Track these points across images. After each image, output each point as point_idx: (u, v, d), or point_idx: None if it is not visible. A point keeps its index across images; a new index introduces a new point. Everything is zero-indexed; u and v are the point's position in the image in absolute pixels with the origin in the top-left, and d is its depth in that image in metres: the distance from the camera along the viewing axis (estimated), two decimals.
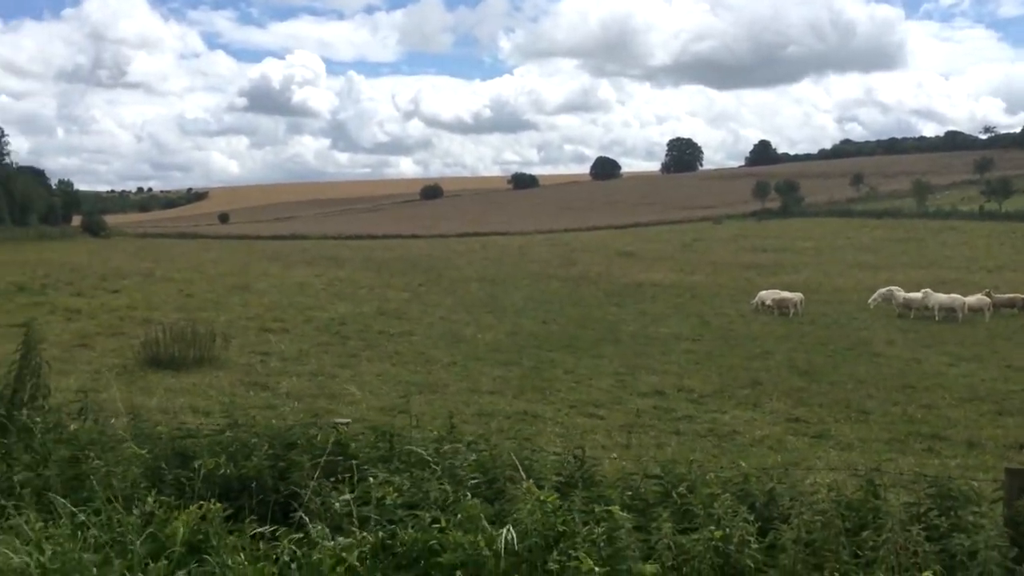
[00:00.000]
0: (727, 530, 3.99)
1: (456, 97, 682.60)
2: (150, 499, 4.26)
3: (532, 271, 45.66)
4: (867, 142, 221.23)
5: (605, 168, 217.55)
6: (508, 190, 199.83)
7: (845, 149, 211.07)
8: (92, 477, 4.63)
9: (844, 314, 28.68)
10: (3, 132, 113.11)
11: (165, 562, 3.64)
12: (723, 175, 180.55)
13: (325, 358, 18.74)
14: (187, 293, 33.22)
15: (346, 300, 31.34)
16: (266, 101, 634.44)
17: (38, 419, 5.64)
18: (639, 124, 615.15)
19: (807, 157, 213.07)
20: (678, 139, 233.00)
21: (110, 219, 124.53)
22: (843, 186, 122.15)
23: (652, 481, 4.92)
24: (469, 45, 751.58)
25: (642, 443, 11.53)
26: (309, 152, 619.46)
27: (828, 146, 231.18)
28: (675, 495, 4.58)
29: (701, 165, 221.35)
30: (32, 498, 4.57)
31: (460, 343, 21.34)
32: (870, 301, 29.70)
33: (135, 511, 4.17)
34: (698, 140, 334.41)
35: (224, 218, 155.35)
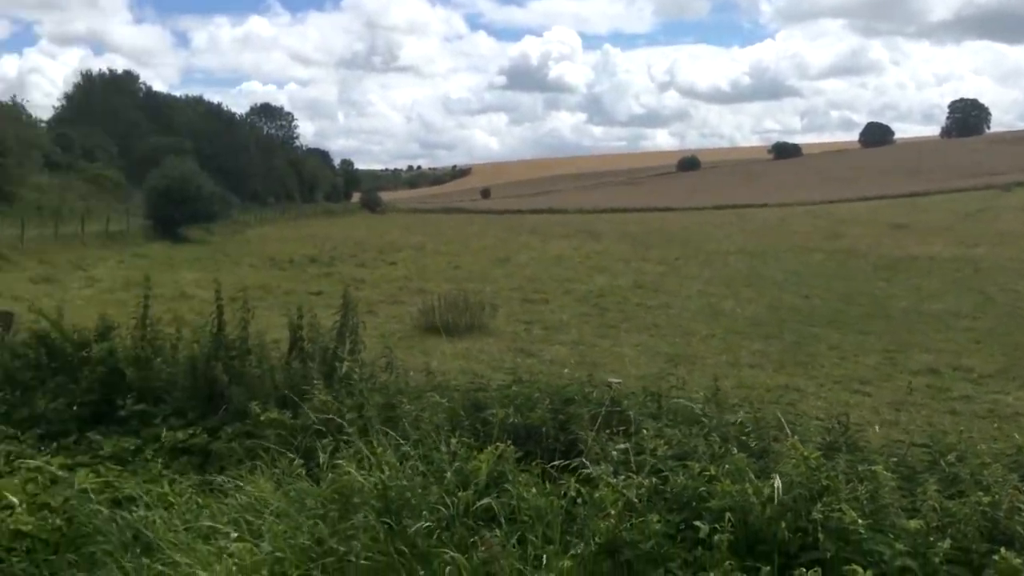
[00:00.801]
0: (996, 496, 4.03)
1: (713, 65, 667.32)
2: (454, 440, 4.96)
3: (794, 244, 44.09)
4: None
5: (876, 134, 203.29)
6: (769, 160, 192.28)
7: None
8: (404, 420, 5.44)
9: None
10: (293, 117, 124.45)
11: (471, 491, 4.30)
12: (1015, 138, 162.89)
13: (585, 328, 19.45)
14: (455, 265, 35.41)
15: (603, 273, 32.02)
16: (524, 78, 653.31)
17: (356, 370, 6.65)
18: (915, 86, 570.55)
19: None
20: (961, 100, 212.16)
21: (384, 196, 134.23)
22: None
23: (920, 450, 4.97)
24: (727, 11, 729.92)
25: (912, 420, 11.13)
26: (566, 127, 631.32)
27: None
28: (943, 463, 4.62)
29: (988, 128, 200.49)
30: (357, 434, 5.44)
31: (719, 316, 21.31)
32: None
33: (442, 449, 4.89)
34: (985, 100, 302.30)
35: (486, 193, 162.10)
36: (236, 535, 4.30)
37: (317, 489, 4.61)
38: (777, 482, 3.92)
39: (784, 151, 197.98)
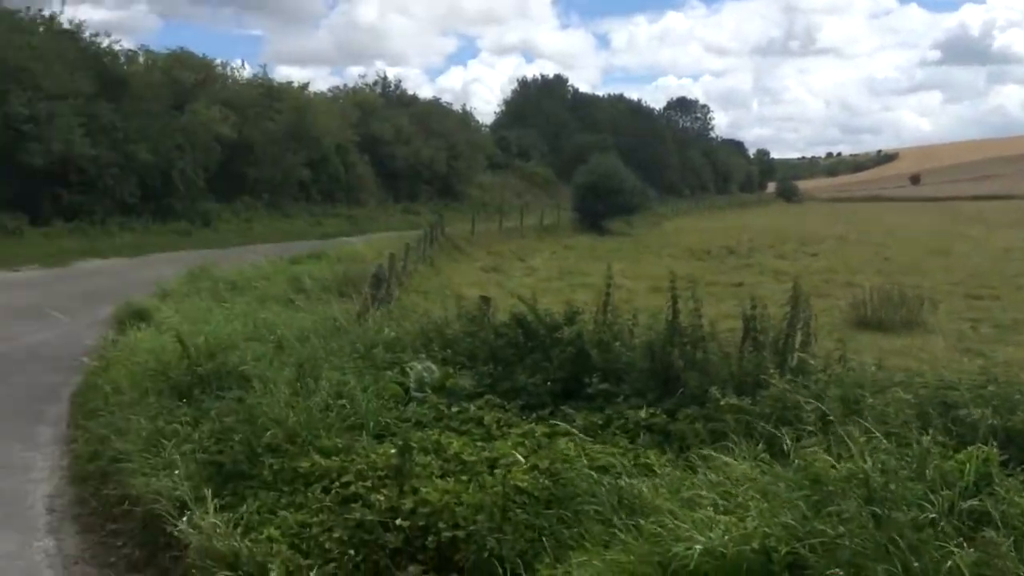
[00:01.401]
0: None
1: None
2: (927, 438, 4.79)
3: None
4: None
5: None
6: None
7: None
8: (868, 413, 5.37)
9: None
10: (708, 109, 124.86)
11: (956, 491, 4.17)
12: None
13: None
14: (883, 257, 33.23)
15: None
16: (962, 51, 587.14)
17: (811, 361, 6.68)
18: None
19: None
20: None
21: (801, 184, 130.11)
22: None
23: None
24: None
25: None
26: (1013, 103, 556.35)
27: None
28: None
29: None
30: (816, 424, 5.52)
31: None
32: None
33: (913, 446, 4.76)
34: None
35: (915, 179, 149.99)
36: (713, 508, 4.61)
37: (787, 473, 4.76)
38: None
39: None
